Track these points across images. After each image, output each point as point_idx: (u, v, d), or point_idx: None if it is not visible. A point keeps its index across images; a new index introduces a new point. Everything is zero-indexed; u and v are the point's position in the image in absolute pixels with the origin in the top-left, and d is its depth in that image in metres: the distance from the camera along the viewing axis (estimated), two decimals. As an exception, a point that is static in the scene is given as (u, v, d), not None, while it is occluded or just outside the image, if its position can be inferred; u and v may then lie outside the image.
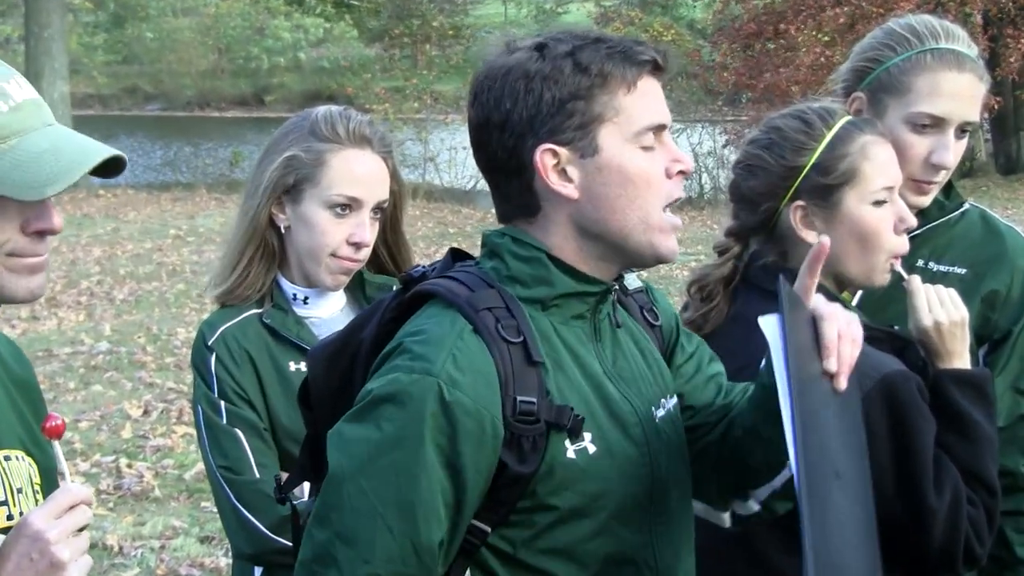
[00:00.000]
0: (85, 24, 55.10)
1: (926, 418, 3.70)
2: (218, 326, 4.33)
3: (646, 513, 3.25)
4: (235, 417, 4.22)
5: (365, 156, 4.29)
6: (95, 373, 14.94)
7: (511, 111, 3.11)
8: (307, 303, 4.39)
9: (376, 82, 43.62)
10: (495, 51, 3.23)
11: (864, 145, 3.84)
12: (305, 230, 4.28)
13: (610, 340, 3.31)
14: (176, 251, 23.78)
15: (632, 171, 3.11)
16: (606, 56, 3.09)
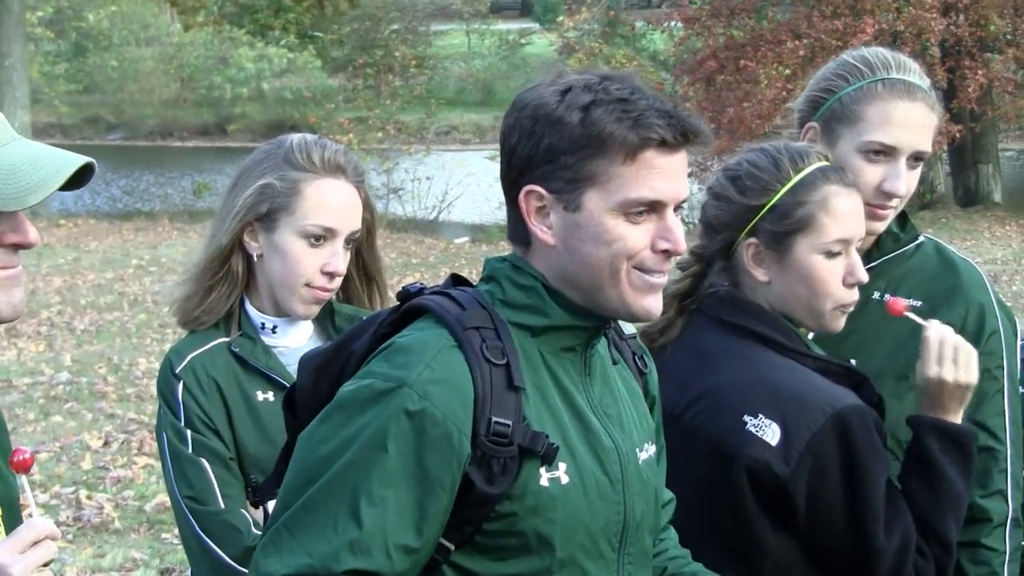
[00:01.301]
0: (46, 53, 55.02)
1: (880, 456, 3.73)
2: (185, 354, 4.31)
3: (616, 553, 3.27)
4: (201, 447, 4.21)
5: (339, 185, 4.30)
6: (55, 404, 14.91)
7: (516, 145, 3.17)
8: (276, 332, 4.38)
9: (339, 112, 43.59)
10: (547, 74, 3.26)
11: (828, 195, 3.87)
12: (279, 259, 4.27)
13: (600, 377, 3.34)
14: (138, 281, 23.72)
15: (608, 236, 3.12)
16: (618, 118, 3.07)
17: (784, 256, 3.87)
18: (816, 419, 3.65)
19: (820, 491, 3.66)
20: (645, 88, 3.17)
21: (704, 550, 3.73)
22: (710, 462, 3.73)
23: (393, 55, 48.26)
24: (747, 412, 3.70)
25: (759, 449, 3.66)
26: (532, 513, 3.10)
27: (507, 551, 3.14)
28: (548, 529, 3.12)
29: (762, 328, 3.87)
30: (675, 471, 3.66)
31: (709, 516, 3.75)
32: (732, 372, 3.80)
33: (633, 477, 3.30)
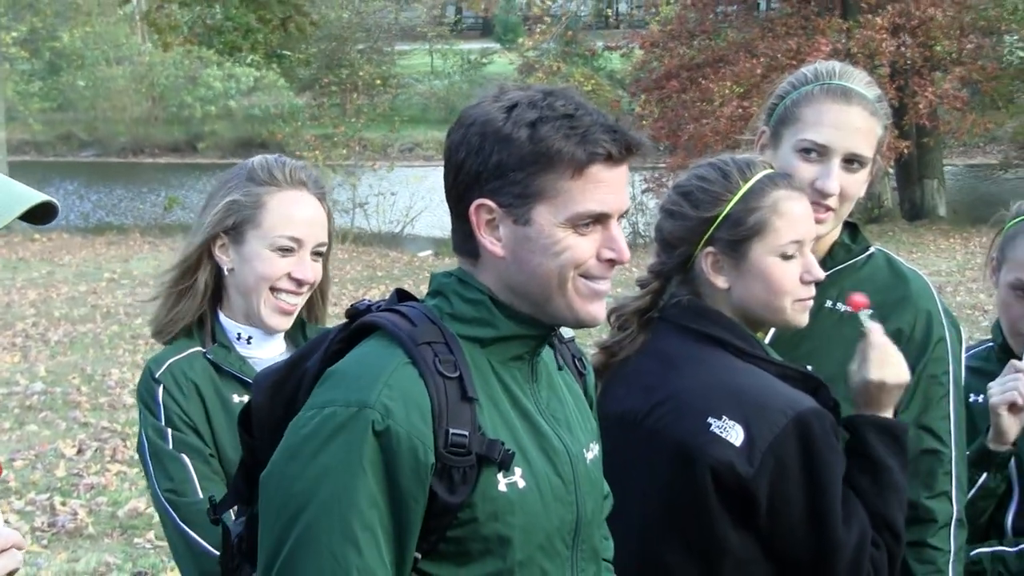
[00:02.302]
0: (21, 72, 54.84)
1: (837, 455, 3.74)
2: (164, 360, 4.34)
3: (570, 551, 3.29)
4: (180, 443, 4.23)
5: (302, 197, 4.35)
6: (30, 413, 14.86)
7: (464, 160, 3.15)
8: (250, 343, 4.41)
9: (306, 129, 43.58)
10: (489, 91, 3.25)
11: (777, 200, 3.90)
12: (247, 268, 4.31)
13: (546, 382, 3.36)
14: (110, 294, 23.67)
15: (556, 247, 3.13)
16: (564, 135, 3.08)
17: (742, 262, 3.89)
18: (778, 421, 3.67)
19: (782, 490, 3.68)
20: (587, 103, 3.19)
21: (666, 549, 3.77)
22: (674, 463, 3.73)
23: (358, 74, 48.23)
24: (711, 414, 3.70)
25: (723, 450, 3.66)
26: (492, 518, 3.12)
27: (470, 555, 3.15)
28: (508, 532, 3.14)
29: (723, 334, 3.88)
30: (639, 472, 3.70)
31: (672, 516, 3.76)
32: (695, 376, 3.81)
33: (583, 477, 3.32)
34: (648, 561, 3.76)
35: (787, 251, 3.88)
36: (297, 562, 3.01)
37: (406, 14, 58.83)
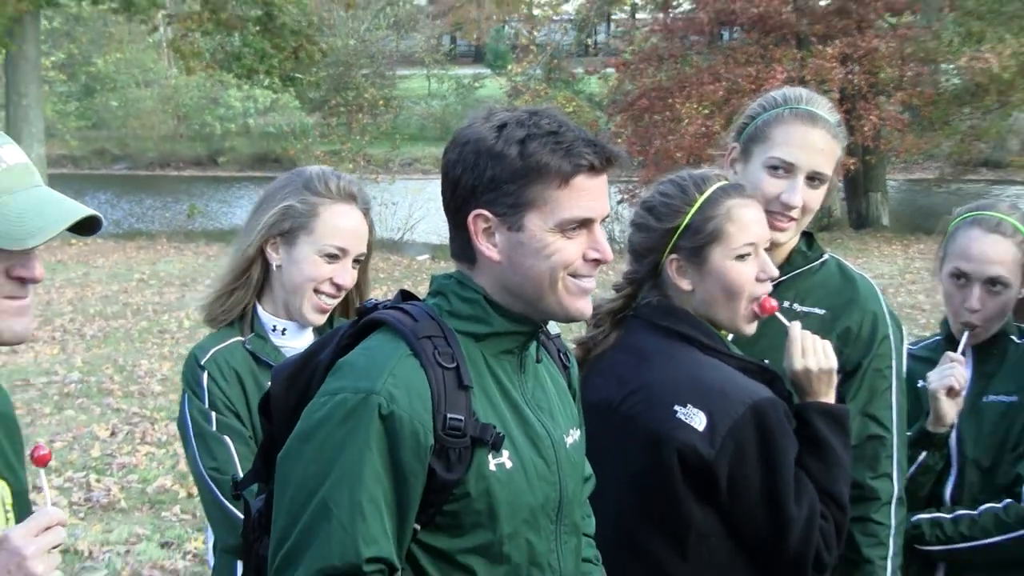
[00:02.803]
0: (59, 93, 54.72)
1: (790, 439, 3.77)
2: (209, 349, 4.39)
3: (552, 524, 3.32)
4: (224, 426, 4.26)
5: (351, 211, 4.40)
6: (68, 400, 14.82)
7: (461, 176, 3.19)
8: (284, 334, 4.45)
9: (316, 146, 43.52)
10: (478, 114, 3.30)
11: (730, 208, 3.95)
12: (296, 268, 4.36)
13: (532, 374, 3.39)
14: (140, 293, 23.60)
15: (547, 251, 3.18)
16: (551, 150, 3.14)
17: (702, 266, 3.94)
18: (737, 409, 3.71)
19: (740, 470, 3.71)
20: (568, 121, 3.25)
21: (638, 524, 3.80)
22: (645, 446, 3.76)
23: (363, 96, 48.08)
24: (677, 403, 3.74)
25: (687, 434, 3.70)
26: (484, 494, 3.16)
27: (463, 528, 3.19)
28: (497, 507, 3.18)
29: (689, 330, 3.92)
30: (613, 455, 3.72)
31: (643, 494, 3.78)
32: (664, 368, 3.85)
33: (564, 459, 3.36)
34: (623, 536, 3.78)
35: (742, 252, 3.94)
36: (311, 532, 3.04)
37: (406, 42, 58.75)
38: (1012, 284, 4.65)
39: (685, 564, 3.79)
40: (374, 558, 3.03)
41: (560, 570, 3.35)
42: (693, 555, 3.79)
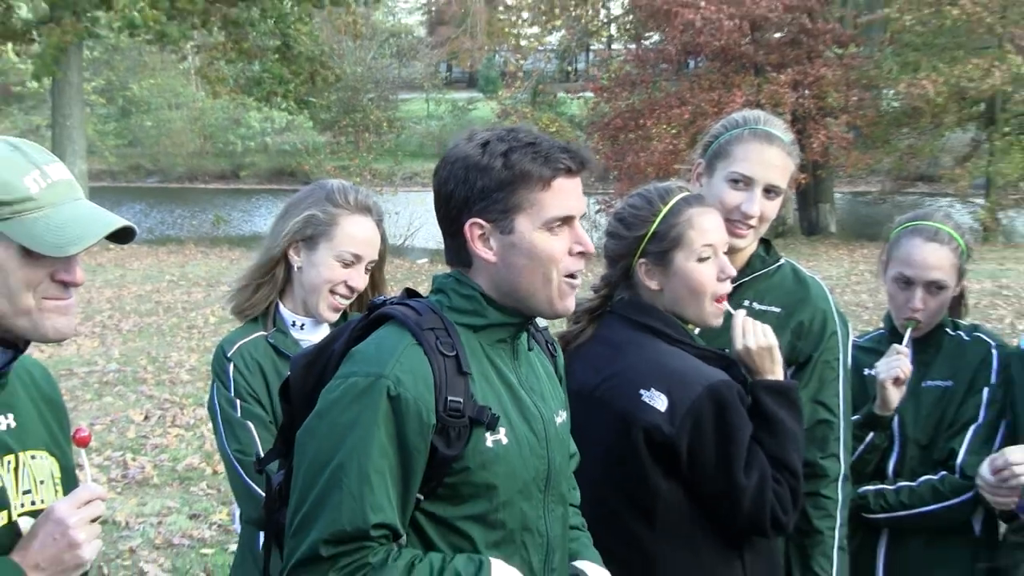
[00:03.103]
0: (99, 115, 54.73)
1: (743, 417, 3.80)
2: (235, 342, 4.41)
3: (541, 494, 3.34)
4: (247, 412, 4.29)
5: (366, 222, 4.44)
6: (106, 387, 14.84)
7: (453, 191, 3.22)
8: (303, 329, 4.47)
9: (327, 161, 43.53)
10: (461, 136, 3.33)
11: (690, 216, 3.98)
12: (315, 271, 4.39)
13: (524, 361, 3.42)
14: (170, 292, 23.59)
15: (538, 248, 3.22)
16: (531, 158, 3.18)
17: (668, 268, 3.97)
18: (694, 391, 3.73)
19: (697, 445, 3.73)
20: (541, 134, 3.30)
21: (610, 497, 3.81)
22: (616, 427, 3.78)
23: (369, 117, 48.11)
24: (643, 387, 3.77)
25: (651, 415, 3.73)
26: (481, 468, 3.18)
27: (462, 498, 3.20)
28: (493, 479, 3.20)
29: (656, 324, 3.96)
30: (590, 436, 3.72)
31: (615, 470, 3.80)
32: (632, 357, 3.88)
33: (553, 436, 3.38)
34: (599, 508, 3.79)
35: (702, 255, 3.96)
36: (324, 499, 3.06)
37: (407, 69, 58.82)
38: (949, 286, 4.71)
39: (653, 533, 3.81)
40: (380, 524, 3.05)
41: (547, 535, 3.37)
42: (660, 524, 3.81)
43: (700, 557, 3.85)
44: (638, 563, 3.67)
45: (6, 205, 2.89)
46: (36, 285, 2.94)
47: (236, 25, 36.95)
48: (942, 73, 32.25)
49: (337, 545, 3.03)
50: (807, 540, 4.22)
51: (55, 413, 3.33)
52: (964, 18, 32.57)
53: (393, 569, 3.06)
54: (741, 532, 3.86)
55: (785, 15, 33.96)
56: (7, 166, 2.93)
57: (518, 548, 3.27)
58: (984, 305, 19.43)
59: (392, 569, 3.06)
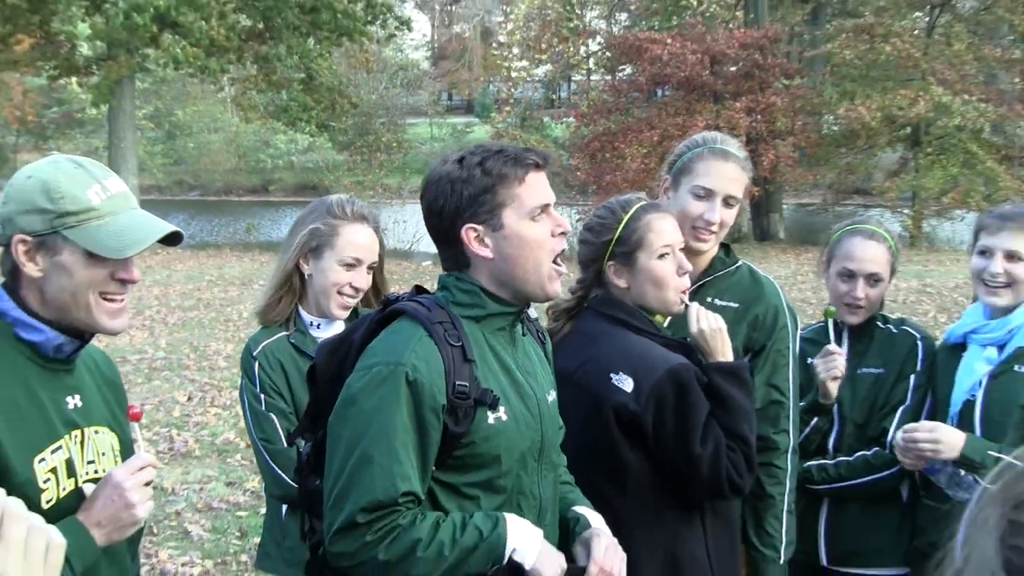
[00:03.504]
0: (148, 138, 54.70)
1: (699, 396, 3.80)
2: (260, 342, 4.42)
3: (536, 463, 3.37)
4: (271, 406, 4.30)
5: (363, 229, 4.44)
6: (155, 372, 14.86)
7: (444, 205, 3.24)
8: (319, 328, 4.46)
9: (344, 177, 43.56)
10: (437, 161, 3.35)
11: (648, 221, 4.00)
12: (323, 276, 4.40)
13: (520, 347, 3.44)
14: (209, 290, 23.60)
15: (526, 236, 3.25)
16: (503, 162, 3.23)
17: (633, 267, 3.98)
18: (657, 373, 3.74)
19: (660, 421, 3.74)
20: (503, 143, 3.38)
21: (586, 466, 3.81)
22: (590, 406, 3.80)
23: (380, 139, 48.09)
24: (611, 371, 3.79)
25: (619, 395, 3.75)
26: (484, 441, 3.20)
27: (469, 468, 3.22)
28: (495, 451, 3.22)
29: (625, 316, 3.97)
30: (570, 414, 3.71)
31: (590, 442, 3.80)
32: (604, 345, 3.90)
33: (545, 412, 3.41)
34: (576, 473, 3.79)
35: (661, 253, 3.98)
36: (357, 473, 3.08)
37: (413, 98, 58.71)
38: (885, 279, 4.73)
39: (623, 497, 3.82)
40: (407, 492, 3.07)
41: (540, 497, 3.39)
42: (629, 490, 3.83)
43: (664, 518, 3.85)
44: (610, 523, 3.64)
45: (72, 215, 2.93)
46: (97, 284, 2.97)
47: (266, 60, 37.09)
48: (875, 101, 32.47)
49: (372, 512, 3.05)
50: (760, 504, 4.24)
51: (115, 394, 3.35)
52: (895, 54, 33.11)
53: (421, 528, 3.08)
54: (703, 496, 3.86)
55: (740, 51, 34.18)
56: (72, 181, 2.97)
57: (515, 509, 3.28)
58: (911, 301, 19.55)
59: (420, 528, 3.08)
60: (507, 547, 3.14)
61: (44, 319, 2.99)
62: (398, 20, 40.36)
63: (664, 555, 3.84)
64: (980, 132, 33.52)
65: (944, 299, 19.80)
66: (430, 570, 3.08)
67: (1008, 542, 1.28)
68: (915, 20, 36.48)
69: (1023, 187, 31.44)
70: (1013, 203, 4.67)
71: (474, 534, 3.12)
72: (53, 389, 3.04)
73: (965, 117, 31.85)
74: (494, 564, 3.13)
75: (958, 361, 4.54)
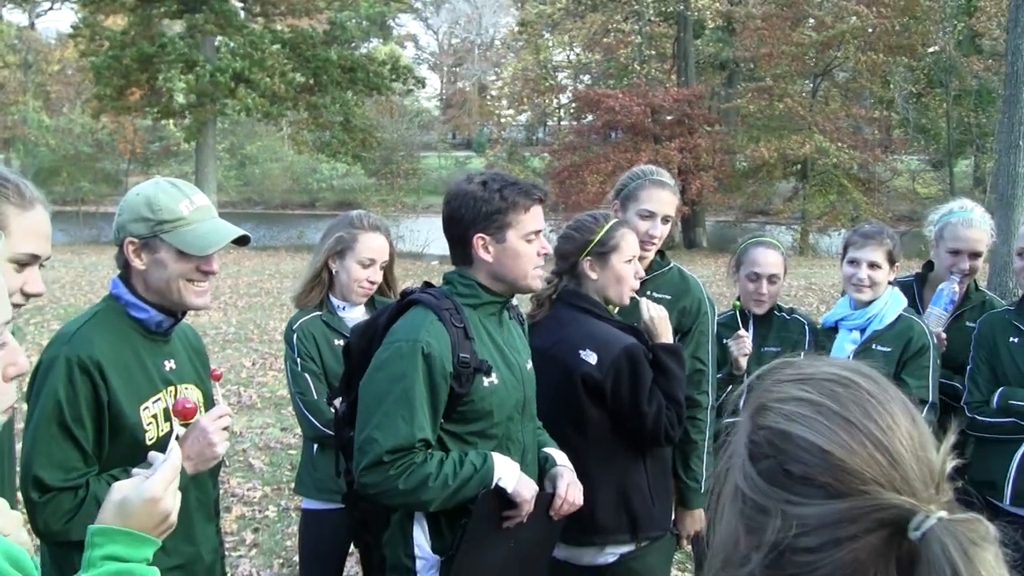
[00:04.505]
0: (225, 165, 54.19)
1: (647, 368, 3.79)
2: (297, 320, 4.41)
3: (519, 415, 3.37)
4: (305, 367, 4.29)
5: (377, 236, 4.41)
6: (228, 343, 14.80)
7: (463, 215, 3.23)
8: (344, 310, 4.43)
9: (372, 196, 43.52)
10: (461, 178, 3.33)
11: (623, 233, 3.98)
12: (346, 273, 4.38)
13: (506, 327, 3.43)
14: (269, 281, 23.51)
15: (520, 252, 3.25)
16: (517, 192, 3.21)
17: (605, 265, 3.95)
18: (615, 350, 3.73)
19: (617, 387, 3.72)
20: (516, 176, 3.37)
21: (557, 418, 3.80)
22: (563, 373, 3.77)
23: (400, 168, 47.93)
24: (580, 348, 3.76)
25: (587, 367, 3.73)
26: (482, 399, 3.21)
27: (469, 420, 3.22)
28: (490, 407, 3.24)
29: (588, 306, 3.94)
30: (545, 378, 3.71)
31: (562, 401, 3.78)
32: (572, 328, 3.86)
33: (525, 377, 3.42)
34: (551, 426, 3.77)
35: (628, 258, 3.96)
36: (383, 423, 3.07)
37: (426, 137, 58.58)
38: (781, 278, 4.77)
39: (586, 443, 3.80)
40: (422, 438, 3.08)
41: (523, 442, 3.40)
42: (590, 438, 3.81)
43: (615, 458, 3.86)
44: (573, 461, 3.65)
45: (168, 223, 2.97)
46: (186, 274, 2.99)
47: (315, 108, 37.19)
48: (773, 144, 32.86)
49: (395, 453, 3.05)
50: (687, 448, 4.24)
51: (200, 359, 3.36)
52: (786, 110, 33.45)
53: (431, 464, 3.09)
54: (646, 443, 3.86)
55: (674, 104, 34.33)
56: (169, 197, 3.00)
57: (504, 452, 3.29)
58: (800, 296, 19.57)
59: (430, 464, 3.09)
60: (494, 476, 3.16)
61: (148, 302, 3.03)
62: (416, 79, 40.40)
63: (615, 485, 3.85)
64: (850, 170, 34.00)
65: (824, 294, 19.82)
66: (437, 495, 3.10)
67: (751, 437, 1.38)
68: (803, 85, 36.68)
69: (880, 212, 31.69)
70: (871, 223, 4.70)
71: (470, 468, 3.14)
72: (154, 355, 3.07)
73: (839, 158, 32.62)
74: (484, 488, 3.15)
75: (832, 341, 4.57)
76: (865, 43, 33.56)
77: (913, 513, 1.25)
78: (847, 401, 1.34)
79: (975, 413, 4.34)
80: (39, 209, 2.23)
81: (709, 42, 40.34)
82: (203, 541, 3.20)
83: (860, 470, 1.27)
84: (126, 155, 51.04)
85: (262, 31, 36.07)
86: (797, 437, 1.32)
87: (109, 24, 37.57)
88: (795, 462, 1.31)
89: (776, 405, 1.38)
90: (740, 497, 1.37)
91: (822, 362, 1.43)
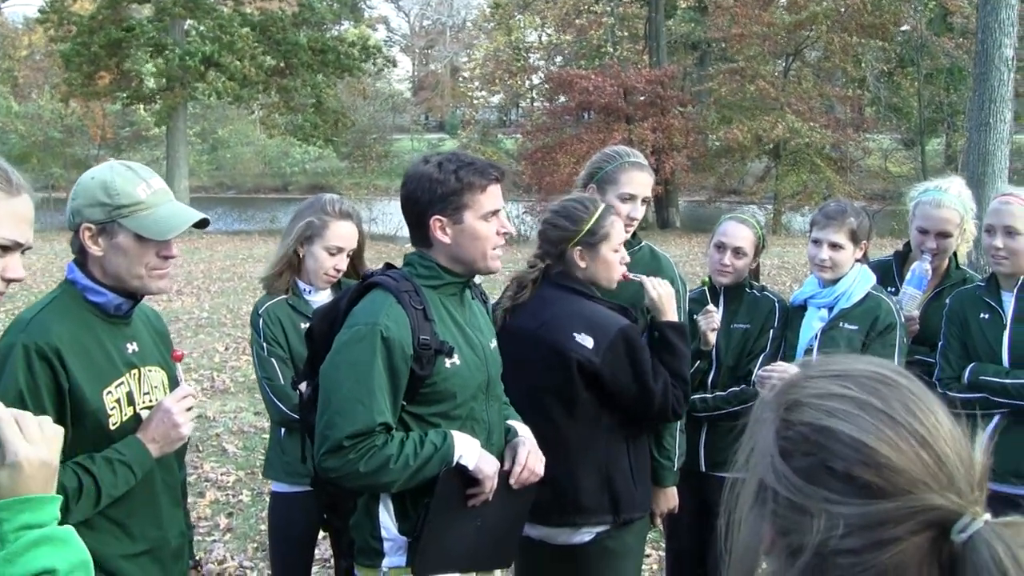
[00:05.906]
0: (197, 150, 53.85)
1: (644, 346, 3.82)
2: (264, 304, 4.39)
3: (484, 395, 3.34)
4: (272, 353, 4.27)
5: (347, 224, 4.37)
6: (201, 328, 14.76)
7: (420, 197, 3.19)
8: (310, 294, 4.41)
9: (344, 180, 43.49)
10: (418, 159, 3.30)
11: (613, 221, 3.96)
12: (314, 260, 4.35)
13: (468, 307, 3.40)
14: (242, 266, 23.38)
15: (479, 232, 3.21)
16: (472, 172, 3.17)
17: (595, 254, 3.92)
18: (610, 332, 3.73)
19: (617, 368, 3.73)
20: (473, 155, 3.32)
21: (544, 399, 3.80)
22: (553, 354, 3.76)
23: (373, 151, 47.84)
24: (574, 331, 3.75)
25: (583, 351, 3.72)
26: (444, 381, 3.17)
27: (431, 402, 3.20)
28: (452, 388, 3.20)
29: (578, 287, 3.91)
30: (530, 359, 3.73)
31: (552, 382, 3.78)
32: (562, 308, 3.84)
33: (489, 356, 3.38)
34: (536, 406, 3.77)
35: (616, 247, 3.95)
36: (343, 408, 3.05)
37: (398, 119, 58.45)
38: (748, 254, 4.76)
39: (572, 421, 3.81)
40: (382, 423, 3.05)
41: (488, 422, 3.37)
42: (576, 417, 3.82)
43: (600, 439, 3.86)
44: (562, 442, 3.70)
45: (125, 207, 2.93)
46: (145, 259, 2.97)
47: (286, 91, 37.11)
48: (746, 125, 32.96)
49: (354, 438, 3.03)
50: (659, 426, 4.22)
51: (163, 341, 3.34)
52: (758, 91, 33.52)
53: (391, 446, 3.07)
54: (655, 420, 3.94)
55: (647, 85, 34.23)
56: (125, 180, 2.97)
57: (468, 432, 3.27)
58: (773, 274, 19.70)
59: (391, 446, 3.07)
60: (455, 454, 3.16)
61: (106, 285, 3.01)
62: (386, 59, 40.35)
63: (599, 467, 3.86)
64: (822, 149, 34.18)
65: (797, 272, 19.97)
66: (399, 476, 3.09)
67: (782, 434, 1.33)
68: (775, 64, 36.75)
69: (853, 191, 31.88)
70: (837, 202, 4.70)
71: (430, 447, 3.13)
72: (115, 338, 3.04)
73: (811, 138, 32.72)
74: (445, 466, 3.15)
75: (801, 319, 4.59)
76: (837, 23, 33.64)
77: (959, 515, 1.21)
78: (890, 399, 1.30)
79: (946, 389, 4.37)
80: (25, 197, 2.18)
81: (681, 22, 40.36)
82: (170, 525, 3.17)
83: (907, 468, 1.23)
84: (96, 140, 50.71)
85: (231, 14, 35.84)
86: (841, 433, 1.27)
87: (77, 8, 37.29)
88: (838, 459, 1.26)
89: (814, 401, 1.32)
90: (771, 497, 1.31)
91: (854, 359, 1.38)
